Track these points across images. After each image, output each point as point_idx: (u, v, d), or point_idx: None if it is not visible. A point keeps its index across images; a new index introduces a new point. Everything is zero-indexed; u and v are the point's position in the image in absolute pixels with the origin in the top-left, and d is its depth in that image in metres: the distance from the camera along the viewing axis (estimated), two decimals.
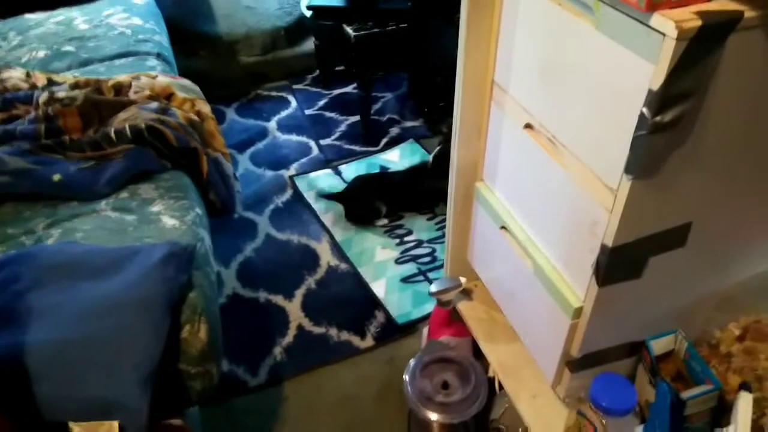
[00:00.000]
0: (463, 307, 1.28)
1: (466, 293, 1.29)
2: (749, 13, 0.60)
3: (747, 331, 0.98)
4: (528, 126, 0.92)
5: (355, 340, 1.47)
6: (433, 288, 1.24)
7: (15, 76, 1.45)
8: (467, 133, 1.08)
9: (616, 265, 0.79)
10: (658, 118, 0.64)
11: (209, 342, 0.92)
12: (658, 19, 0.60)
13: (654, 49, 0.61)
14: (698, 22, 0.58)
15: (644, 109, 0.65)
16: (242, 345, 1.46)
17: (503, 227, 1.05)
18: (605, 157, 0.74)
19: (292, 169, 2.08)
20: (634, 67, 0.65)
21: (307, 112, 2.40)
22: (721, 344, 0.98)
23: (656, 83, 0.62)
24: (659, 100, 0.63)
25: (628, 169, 0.70)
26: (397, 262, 1.69)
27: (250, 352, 1.45)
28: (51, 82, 1.47)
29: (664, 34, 0.60)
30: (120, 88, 1.40)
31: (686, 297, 0.93)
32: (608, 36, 0.69)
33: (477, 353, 1.25)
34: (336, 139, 2.23)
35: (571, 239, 0.87)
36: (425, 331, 1.34)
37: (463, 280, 1.24)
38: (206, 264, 1.07)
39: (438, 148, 1.85)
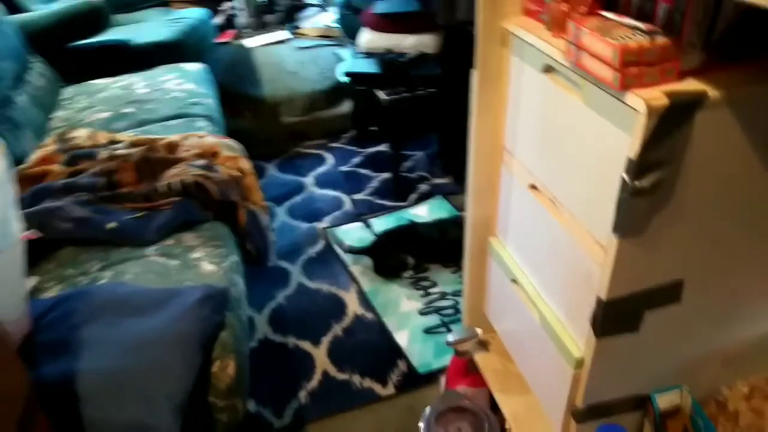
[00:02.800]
0: (480, 358, 1.33)
1: (483, 345, 1.34)
2: (714, 93, 0.68)
3: (755, 389, 1.00)
4: (532, 187, 1.00)
5: (377, 388, 1.52)
6: (450, 338, 1.29)
7: (81, 135, 1.64)
8: (480, 192, 1.17)
9: (612, 317, 0.85)
10: (636, 183, 0.72)
11: (236, 378, 1.00)
12: (631, 98, 0.69)
13: (630, 122, 0.70)
14: (666, 101, 0.66)
15: (624, 175, 0.72)
16: (270, 387, 1.53)
17: (514, 280, 1.12)
18: (596, 216, 0.82)
19: (326, 222, 2.20)
20: (615, 138, 0.73)
21: (342, 168, 2.54)
22: (729, 402, 1.00)
23: (633, 152, 0.70)
24: (636, 167, 0.71)
25: (615, 228, 0.77)
26: (421, 313, 1.75)
27: (276, 395, 1.52)
28: (112, 141, 1.64)
29: (636, 110, 0.68)
30: (172, 147, 1.56)
31: (689, 352, 0.97)
32: (593, 109, 0.77)
33: (494, 405, 1.28)
34: (368, 194, 2.35)
35: (571, 292, 0.93)
36: (443, 380, 1.39)
37: (479, 331, 1.29)
38: (239, 307, 1.17)
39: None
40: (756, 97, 0.70)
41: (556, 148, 0.90)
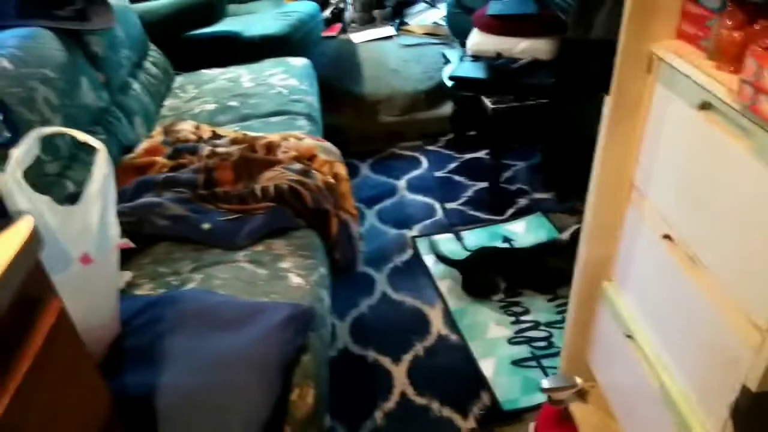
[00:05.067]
0: (577, 409, 1.20)
1: (581, 394, 1.21)
2: None
3: None
4: (667, 237, 0.86)
5: (457, 419, 1.43)
6: (546, 384, 1.18)
7: (186, 128, 1.66)
8: (598, 231, 1.04)
9: (760, 413, 0.70)
10: None
11: (315, 407, 0.95)
12: None
13: None
14: None
15: None
16: (347, 402, 1.48)
17: (629, 336, 0.98)
18: (754, 290, 0.67)
19: (415, 230, 2.12)
20: None
21: (437, 174, 2.45)
22: None
23: None
24: None
25: None
26: (510, 342, 1.63)
27: (352, 412, 1.47)
28: (215, 135, 1.66)
29: None
30: (270, 147, 1.54)
31: None
32: (765, 162, 0.63)
33: None
34: (461, 204, 2.24)
35: (706, 369, 0.79)
36: (532, 426, 1.27)
37: (578, 380, 1.17)
38: (322, 325, 1.12)
39: (575, 228, 1.78)
40: None
41: (704, 198, 0.76)
